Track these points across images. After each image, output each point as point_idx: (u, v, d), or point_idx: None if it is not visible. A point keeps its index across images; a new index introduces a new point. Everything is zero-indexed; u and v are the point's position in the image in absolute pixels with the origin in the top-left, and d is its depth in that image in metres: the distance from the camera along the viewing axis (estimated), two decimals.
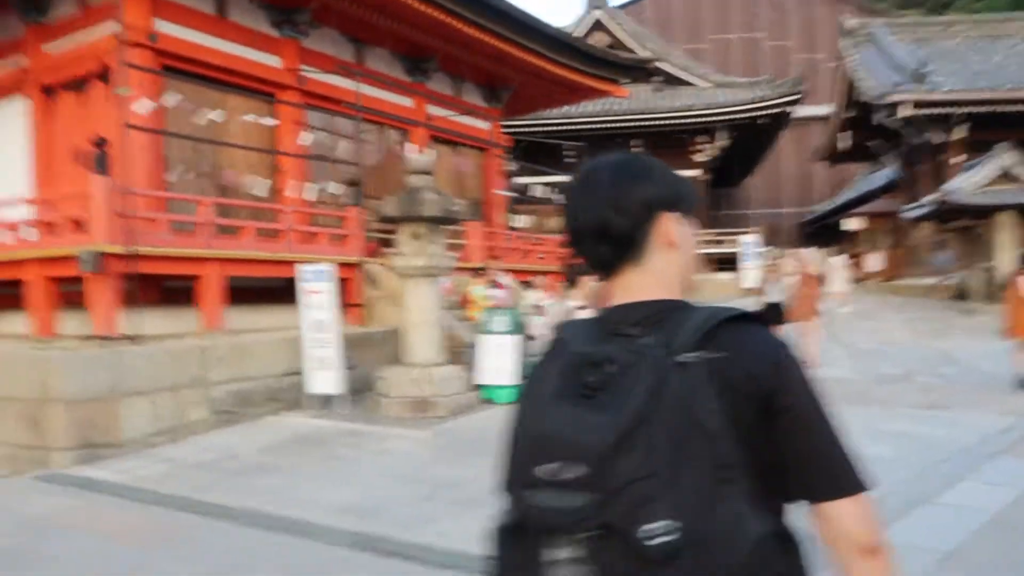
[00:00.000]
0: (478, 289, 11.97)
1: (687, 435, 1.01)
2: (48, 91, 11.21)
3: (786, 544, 1.07)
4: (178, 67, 10.51)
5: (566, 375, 1.13)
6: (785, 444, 1.08)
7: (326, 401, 9.20)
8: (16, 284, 9.45)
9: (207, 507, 5.36)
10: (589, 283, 6.02)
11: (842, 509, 1.10)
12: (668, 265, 1.22)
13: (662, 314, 1.16)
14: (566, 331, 1.27)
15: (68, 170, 10.98)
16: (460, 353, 10.27)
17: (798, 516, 1.14)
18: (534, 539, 1.05)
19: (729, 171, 31.59)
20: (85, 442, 7.02)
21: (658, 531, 0.97)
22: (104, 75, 10.48)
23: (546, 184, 16.82)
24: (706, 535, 0.97)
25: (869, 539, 1.11)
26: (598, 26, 28.50)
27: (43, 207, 9.26)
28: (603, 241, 1.23)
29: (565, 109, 24.65)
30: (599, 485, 0.99)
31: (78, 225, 8.59)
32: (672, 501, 0.98)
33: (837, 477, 1.11)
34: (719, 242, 27.61)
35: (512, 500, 1.11)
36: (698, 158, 27.48)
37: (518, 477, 1.10)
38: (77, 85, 10.83)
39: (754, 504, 1.02)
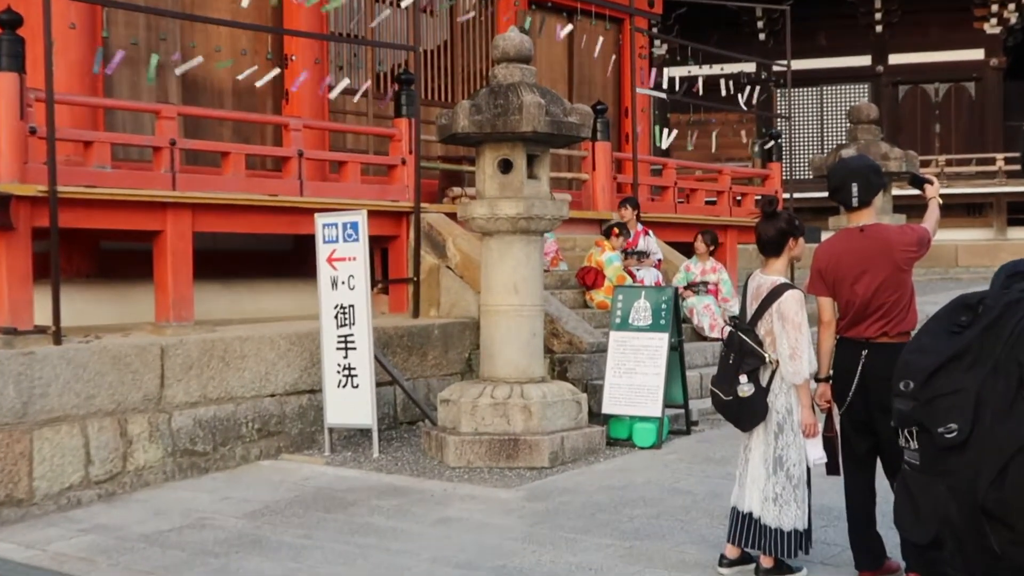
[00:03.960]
0: (608, 257, 11.82)
1: (1006, 362, 2.26)
2: None
3: None
4: None
5: (944, 316, 2.59)
6: None
7: (356, 438, 9.25)
8: None
9: None
10: (797, 248, 5.76)
11: None
12: None
13: None
14: (1003, 268, 2.73)
15: None
16: (575, 362, 10.18)
17: None
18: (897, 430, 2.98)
19: None
20: None
21: (951, 430, 2.39)
22: None
23: (723, 77, 16.37)
24: (994, 433, 2.28)
25: None
26: None
27: None
28: None
29: None
30: (918, 396, 2.62)
31: None
32: (968, 412, 2.35)
33: None
34: (1018, 175, 26.36)
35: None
36: (987, 28, 26.34)
37: (894, 389, 2.84)
38: None
39: None
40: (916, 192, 5.94)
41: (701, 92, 15.73)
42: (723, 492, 6.48)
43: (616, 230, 12.02)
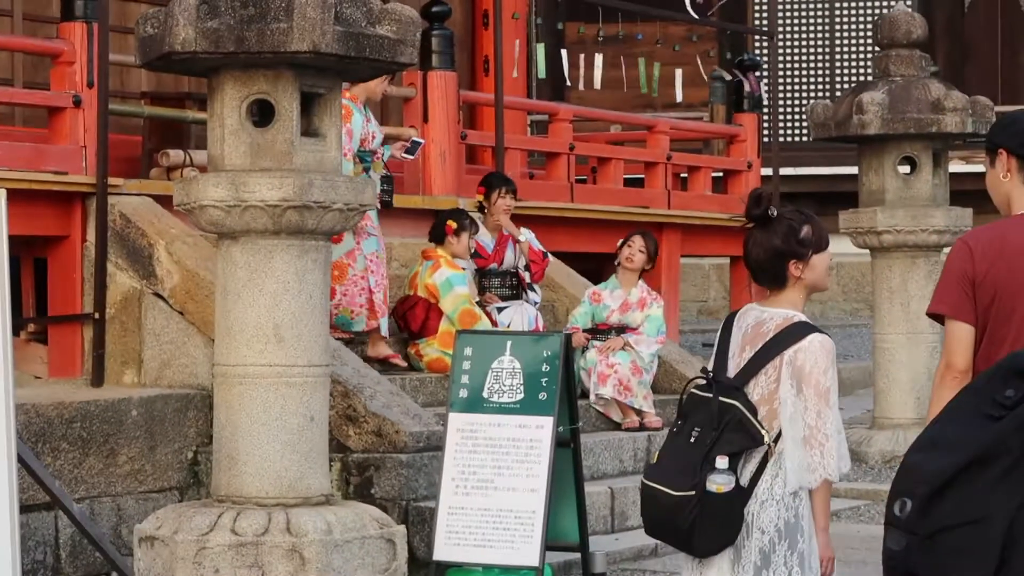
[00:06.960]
0: (445, 278, 12.05)
1: None
2: None
3: None
4: None
5: (983, 387, 2.49)
6: None
7: None
8: None
9: None
10: (811, 272, 5.58)
11: None
12: None
13: None
14: None
15: None
16: (388, 468, 10.36)
17: None
18: None
19: None
20: None
21: None
22: None
23: None
24: None
25: None
26: None
27: None
28: None
29: None
30: (916, 527, 2.38)
31: None
32: (991, 557, 2.22)
33: None
34: None
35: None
36: None
37: (887, 514, 2.69)
38: None
39: None
40: None
41: None
42: None
43: (452, 223, 12.19)
